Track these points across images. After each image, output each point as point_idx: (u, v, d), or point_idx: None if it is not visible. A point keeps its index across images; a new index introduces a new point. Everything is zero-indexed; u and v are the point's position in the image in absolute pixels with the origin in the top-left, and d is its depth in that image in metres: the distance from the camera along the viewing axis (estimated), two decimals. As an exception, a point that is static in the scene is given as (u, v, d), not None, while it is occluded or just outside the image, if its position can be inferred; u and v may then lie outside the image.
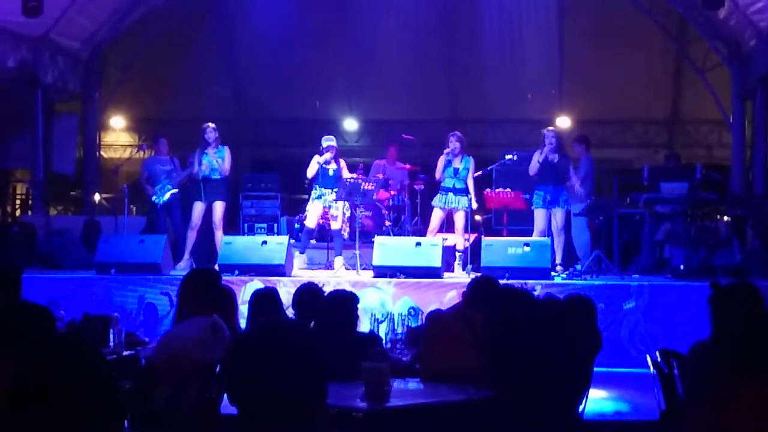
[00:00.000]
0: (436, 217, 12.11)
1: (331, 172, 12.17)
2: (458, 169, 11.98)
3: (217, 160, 12.35)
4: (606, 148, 19.25)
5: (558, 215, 11.88)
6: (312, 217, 12.25)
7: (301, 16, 18.47)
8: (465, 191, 12.00)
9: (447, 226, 12.47)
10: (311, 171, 12.20)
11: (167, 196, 12.87)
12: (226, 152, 12.46)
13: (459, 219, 11.99)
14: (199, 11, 19.03)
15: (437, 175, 12.19)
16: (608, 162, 17.78)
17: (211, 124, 12.54)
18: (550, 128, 12.31)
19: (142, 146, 19.47)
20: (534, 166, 11.90)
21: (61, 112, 18.50)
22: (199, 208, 12.33)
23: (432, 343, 6.11)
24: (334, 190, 12.09)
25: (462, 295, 6.33)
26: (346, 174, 12.30)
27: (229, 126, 20.26)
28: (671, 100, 20.20)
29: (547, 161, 11.83)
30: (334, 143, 12.26)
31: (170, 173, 13.27)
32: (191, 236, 12.33)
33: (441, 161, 12.11)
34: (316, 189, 12.25)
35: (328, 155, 12.12)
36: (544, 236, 11.76)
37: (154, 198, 13.27)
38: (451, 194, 11.99)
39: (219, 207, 12.34)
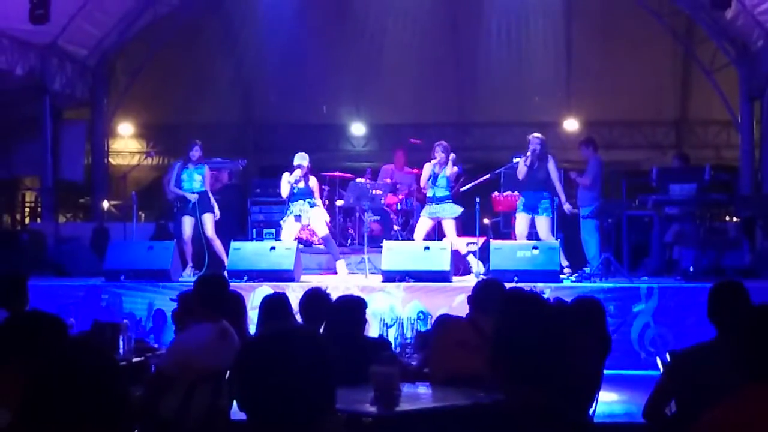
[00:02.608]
0: (422, 225, 12.15)
1: (296, 190, 12.21)
2: (437, 176, 11.99)
3: (195, 176, 12.38)
4: (614, 149, 19.22)
5: (540, 223, 11.85)
6: (286, 233, 12.26)
7: (308, 21, 18.49)
8: (447, 198, 12.02)
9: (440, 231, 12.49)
10: (284, 191, 12.30)
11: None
12: (206, 171, 12.49)
13: (447, 227, 12.02)
14: (206, 18, 19.06)
15: (422, 183, 12.23)
16: (616, 164, 17.74)
17: (198, 142, 12.58)
18: (536, 135, 12.29)
19: (150, 153, 19.55)
20: (521, 171, 11.92)
21: (69, 119, 18.54)
22: (188, 222, 12.31)
23: (440, 348, 6.07)
24: (307, 200, 12.14)
25: (468, 300, 6.29)
26: (317, 191, 12.34)
27: (237, 132, 20.40)
28: (679, 101, 20.16)
29: (529, 167, 11.87)
30: (303, 162, 12.25)
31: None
32: (187, 249, 12.31)
33: (427, 170, 12.11)
34: (289, 207, 12.29)
35: (298, 172, 12.15)
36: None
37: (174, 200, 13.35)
38: (434, 204, 12.02)
39: (208, 219, 12.30)
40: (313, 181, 12.35)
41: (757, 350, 3.21)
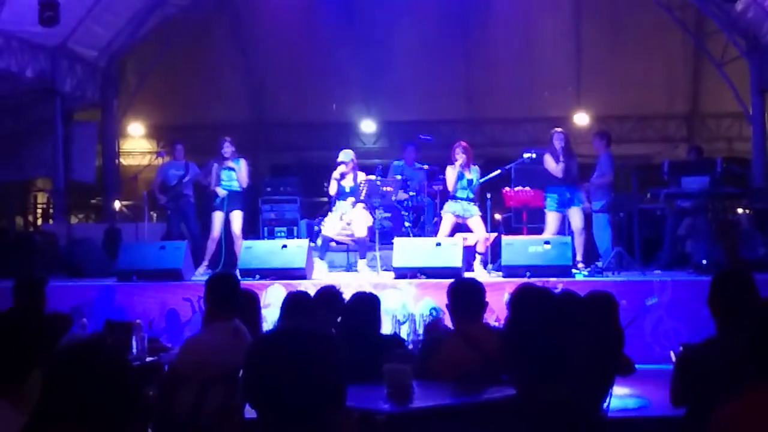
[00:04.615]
0: (448, 223, 12.06)
1: (347, 189, 12.21)
2: (471, 180, 11.96)
3: (233, 174, 12.38)
4: (625, 143, 19.19)
5: (576, 216, 11.82)
6: (329, 226, 12.24)
7: (317, 20, 18.52)
8: (475, 200, 12.01)
9: (460, 229, 12.43)
10: (332, 189, 12.28)
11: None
12: (242, 164, 12.47)
13: (477, 224, 11.96)
14: (216, 17, 19.11)
15: (449, 188, 12.14)
16: (628, 158, 17.70)
17: (228, 138, 12.56)
18: (558, 130, 12.25)
19: (161, 153, 19.55)
20: (558, 169, 11.81)
21: (79, 120, 18.59)
22: (219, 218, 12.33)
23: (435, 370, 5.44)
24: (349, 199, 12.15)
25: (447, 309, 5.86)
26: (363, 187, 12.27)
27: (247, 131, 20.42)
28: (690, 94, 20.12)
29: (565, 163, 11.78)
30: (346, 158, 12.25)
31: (182, 178, 13.30)
32: (211, 246, 12.33)
33: (452, 174, 12.01)
34: (336, 203, 12.29)
35: (342, 168, 12.15)
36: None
37: (166, 204, 13.35)
38: (464, 203, 11.97)
39: (237, 217, 12.33)
40: (361, 177, 12.37)
41: (764, 349, 3.18)
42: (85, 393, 2.72)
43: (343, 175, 12.18)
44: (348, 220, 12.24)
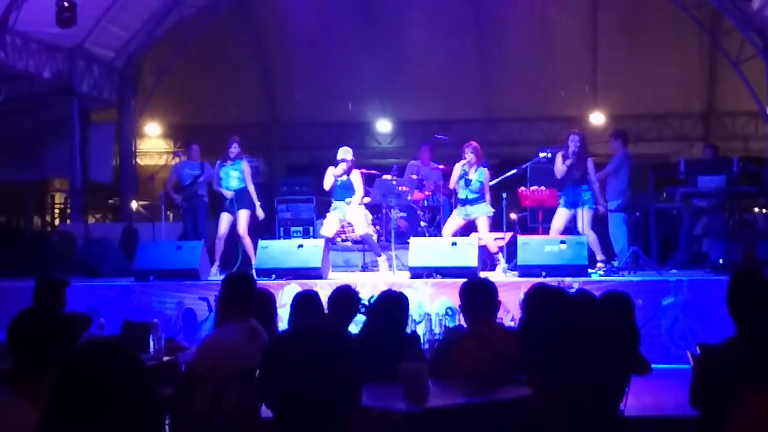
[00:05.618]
0: (452, 222, 12.09)
1: (339, 182, 12.11)
2: (471, 180, 11.92)
3: (231, 172, 12.38)
4: (641, 142, 19.13)
5: (582, 215, 11.77)
6: (327, 227, 12.25)
7: (333, 19, 18.53)
8: (479, 199, 11.97)
9: (474, 229, 12.43)
10: (327, 184, 12.18)
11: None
12: (243, 165, 12.46)
13: (480, 224, 11.94)
14: (232, 18, 19.14)
15: (451, 185, 12.18)
16: (644, 157, 17.65)
17: (236, 138, 12.54)
18: (574, 131, 12.23)
19: (177, 153, 19.66)
20: (559, 170, 11.81)
21: (97, 121, 18.68)
22: (225, 218, 12.33)
23: (452, 369, 5.43)
24: (346, 200, 12.09)
25: (460, 309, 5.90)
26: (358, 186, 12.21)
27: (263, 130, 20.50)
28: (706, 93, 20.04)
29: (568, 166, 11.76)
30: (347, 156, 12.20)
31: (197, 177, 13.33)
32: (219, 246, 12.33)
33: (457, 170, 12.05)
34: (333, 202, 12.27)
35: (342, 166, 12.10)
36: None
37: (181, 203, 13.39)
38: (467, 206, 11.97)
39: (243, 216, 12.29)
40: (355, 176, 12.26)
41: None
42: (97, 393, 2.73)
43: (341, 174, 12.13)
44: (348, 221, 12.26)
